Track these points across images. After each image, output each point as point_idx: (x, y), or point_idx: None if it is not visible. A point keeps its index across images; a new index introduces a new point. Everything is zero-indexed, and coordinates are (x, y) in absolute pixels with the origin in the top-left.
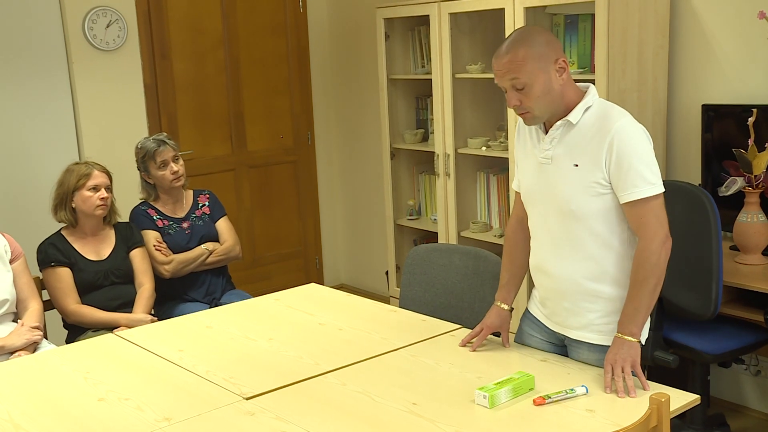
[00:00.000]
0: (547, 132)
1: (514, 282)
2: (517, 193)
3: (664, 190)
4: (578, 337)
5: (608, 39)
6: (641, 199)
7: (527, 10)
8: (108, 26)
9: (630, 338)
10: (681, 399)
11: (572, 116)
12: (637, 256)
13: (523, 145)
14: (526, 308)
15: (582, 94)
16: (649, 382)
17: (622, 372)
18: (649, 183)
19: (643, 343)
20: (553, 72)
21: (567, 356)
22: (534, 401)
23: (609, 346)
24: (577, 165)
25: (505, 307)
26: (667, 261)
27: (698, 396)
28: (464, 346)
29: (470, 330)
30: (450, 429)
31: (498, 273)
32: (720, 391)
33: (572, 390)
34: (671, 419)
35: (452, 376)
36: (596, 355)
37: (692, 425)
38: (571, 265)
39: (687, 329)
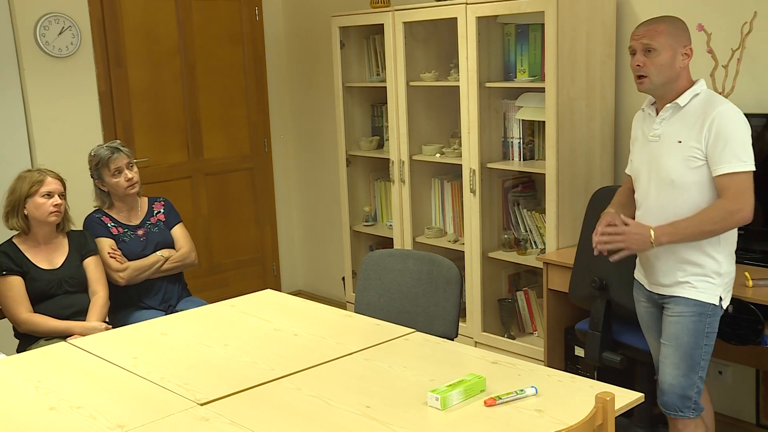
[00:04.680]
0: (657, 115)
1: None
2: (628, 175)
3: (754, 168)
4: (670, 293)
5: (557, 49)
6: (730, 173)
7: (479, 19)
8: (61, 33)
9: (653, 236)
10: (626, 398)
11: (680, 100)
12: (715, 202)
13: (639, 129)
14: (634, 277)
15: (693, 83)
16: (595, 381)
17: (615, 238)
18: (740, 160)
19: (724, 308)
20: (679, 53)
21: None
22: (485, 402)
23: (701, 301)
24: (680, 141)
25: (612, 210)
26: (730, 227)
27: (642, 394)
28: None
29: (424, 333)
30: (403, 431)
31: (451, 277)
32: None
33: (522, 391)
34: (618, 417)
35: (405, 379)
36: (688, 308)
37: (639, 424)
38: None
39: (634, 331)
